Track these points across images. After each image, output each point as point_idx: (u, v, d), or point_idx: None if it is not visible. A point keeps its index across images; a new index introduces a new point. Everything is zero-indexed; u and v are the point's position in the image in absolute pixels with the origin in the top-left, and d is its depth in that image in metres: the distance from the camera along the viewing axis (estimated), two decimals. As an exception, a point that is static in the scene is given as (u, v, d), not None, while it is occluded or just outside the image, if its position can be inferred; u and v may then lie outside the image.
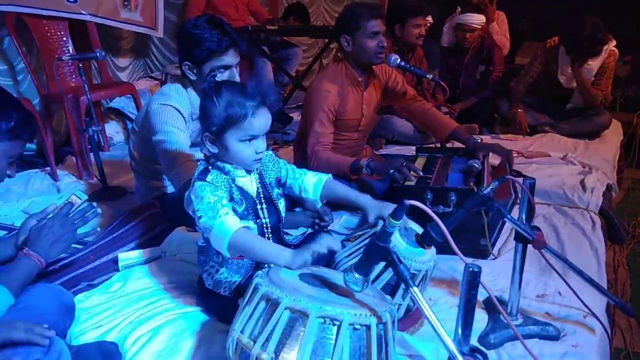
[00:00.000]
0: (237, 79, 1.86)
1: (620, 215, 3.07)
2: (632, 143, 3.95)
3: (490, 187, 1.29)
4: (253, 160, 1.36)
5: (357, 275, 1.09)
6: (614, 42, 3.29)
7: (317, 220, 2.05)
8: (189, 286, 1.61)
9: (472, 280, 0.92)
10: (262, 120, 1.33)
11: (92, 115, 2.58)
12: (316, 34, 4.79)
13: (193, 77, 1.87)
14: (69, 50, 3.14)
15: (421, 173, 2.01)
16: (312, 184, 1.54)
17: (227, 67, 1.83)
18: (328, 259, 1.53)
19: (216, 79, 1.74)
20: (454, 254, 1.09)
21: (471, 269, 0.92)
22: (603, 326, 1.46)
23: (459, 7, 3.61)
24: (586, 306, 1.46)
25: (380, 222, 1.43)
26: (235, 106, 1.30)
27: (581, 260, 1.84)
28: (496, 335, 1.40)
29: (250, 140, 1.33)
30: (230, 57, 1.83)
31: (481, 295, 1.54)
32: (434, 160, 2.22)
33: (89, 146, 2.69)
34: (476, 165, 1.99)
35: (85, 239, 1.71)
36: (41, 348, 1.07)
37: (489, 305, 1.53)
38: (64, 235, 1.37)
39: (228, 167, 1.37)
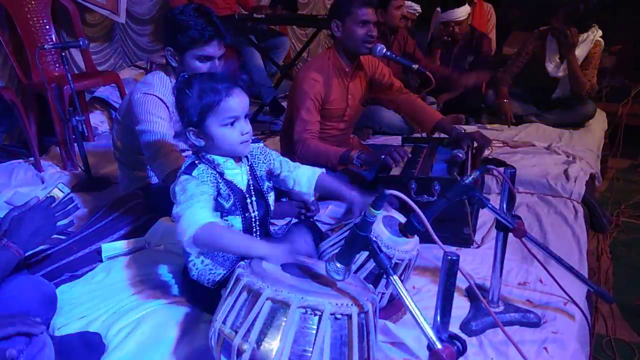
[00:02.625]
0: (218, 71, 1.84)
1: (604, 204, 3.12)
2: (617, 133, 3.99)
3: (472, 176, 1.30)
4: (240, 144, 1.35)
5: (338, 265, 1.09)
6: (599, 32, 3.31)
7: (303, 210, 2.05)
8: (173, 277, 1.61)
9: (450, 268, 0.93)
10: (237, 99, 1.32)
11: (76, 104, 2.55)
12: (304, 23, 4.75)
13: (174, 64, 1.86)
14: (52, 38, 3.10)
15: (410, 156, 2.01)
16: (306, 178, 1.55)
17: (209, 58, 1.81)
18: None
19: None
20: (436, 241, 1.09)
21: (450, 257, 0.93)
22: (583, 313, 1.49)
23: (438, 9, 3.57)
24: (566, 293, 1.49)
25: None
26: (208, 92, 1.30)
27: (563, 249, 1.86)
28: (477, 322, 1.42)
29: (232, 123, 1.32)
30: (213, 49, 1.81)
31: (465, 283, 1.57)
32: (419, 150, 2.24)
33: (73, 136, 2.66)
34: (460, 155, 2.00)
35: (66, 230, 1.69)
36: (25, 339, 1.07)
37: (471, 293, 1.55)
38: (44, 227, 1.36)
39: (218, 159, 1.36)
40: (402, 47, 3.41)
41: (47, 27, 3.07)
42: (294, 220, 1.88)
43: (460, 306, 1.51)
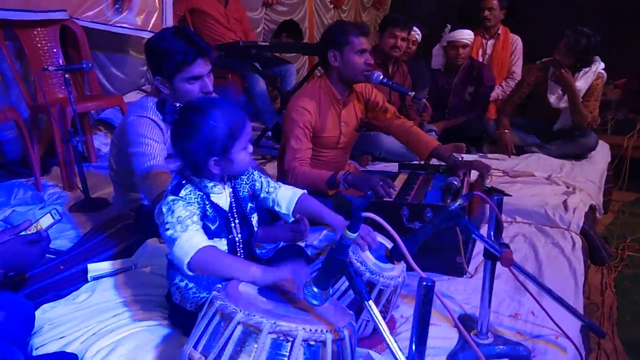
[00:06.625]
0: (210, 88, 1.83)
1: (609, 237, 3.06)
2: (622, 166, 3.96)
3: (458, 203, 1.28)
4: (249, 162, 1.37)
5: (315, 289, 1.07)
6: (602, 65, 3.31)
7: (296, 235, 2.03)
8: (156, 299, 1.58)
9: (426, 294, 0.91)
10: (248, 123, 1.35)
11: (77, 126, 2.58)
12: (308, 51, 4.82)
13: (166, 91, 1.84)
14: (58, 61, 3.16)
15: (397, 189, 2.00)
16: (285, 198, 1.53)
17: (197, 78, 1.80)
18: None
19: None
20: (428, 270, 1.07)
21: (425, 283, 0.90)
22: (576, 347, 1.44)
23: (448, 25, 3.63)
24: (558, 326, 1.44)
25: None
26: (234, 118, 1.30)
27: (559, 280, 1.81)
28: (465, 355, 1.37)
29: (246, 145, 1.35)
30: (199, 67, 1.79)
31: (455, 313, 1.53)
32: (415, 177, 2.22)
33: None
34: (455, 183, 1.98)
35: (54, 249, 1.69)
36: None
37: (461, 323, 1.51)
38: (23, 261, 1.35)
39: (205, 182, 1.35)
40: (402, 83, 3.46)
41: (55, 50, 3.13)
42: (282, 244, 1.85)
43: (450, 337, 1.46)
